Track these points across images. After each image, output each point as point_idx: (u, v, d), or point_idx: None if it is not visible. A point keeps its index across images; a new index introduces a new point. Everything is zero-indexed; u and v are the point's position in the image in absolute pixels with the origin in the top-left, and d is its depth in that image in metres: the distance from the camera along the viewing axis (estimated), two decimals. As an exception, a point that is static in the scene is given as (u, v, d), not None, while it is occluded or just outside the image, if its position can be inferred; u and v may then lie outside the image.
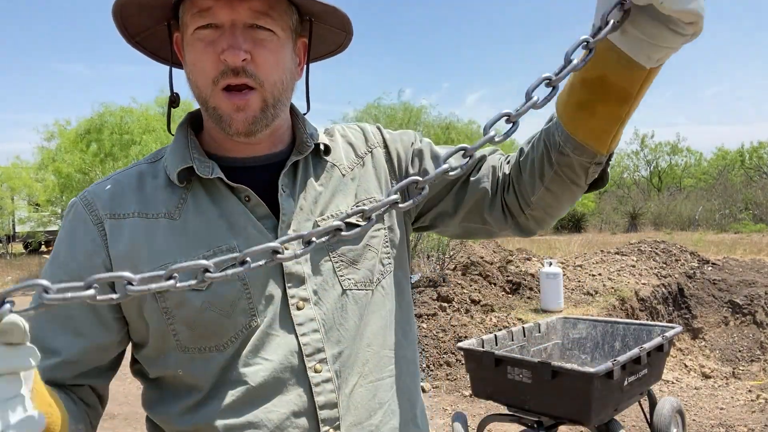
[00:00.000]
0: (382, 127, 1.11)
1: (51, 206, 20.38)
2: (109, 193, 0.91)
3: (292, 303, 0.89)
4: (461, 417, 3.34)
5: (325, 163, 1.00)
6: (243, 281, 0.87)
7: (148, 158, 0.98)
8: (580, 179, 0.90)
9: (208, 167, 0.90)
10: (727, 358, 6.73)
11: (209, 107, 0.88)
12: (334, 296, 0.91)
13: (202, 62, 0.86)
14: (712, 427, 4.30)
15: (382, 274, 0.98)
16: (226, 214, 0.90)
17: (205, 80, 0.86)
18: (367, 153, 1.05)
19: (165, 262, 0.85)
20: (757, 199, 25.67)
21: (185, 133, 0.95)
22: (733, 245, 14.38)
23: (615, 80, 0.78)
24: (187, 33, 0.87)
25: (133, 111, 15.83)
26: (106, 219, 0.88)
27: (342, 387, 0.89)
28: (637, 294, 7.59)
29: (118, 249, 0.87)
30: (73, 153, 15.71)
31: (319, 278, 0.91)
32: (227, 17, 0.84)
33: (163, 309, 0.85)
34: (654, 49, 0.74)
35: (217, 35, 0.85)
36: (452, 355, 5.62)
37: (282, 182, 0.93)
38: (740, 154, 38.38)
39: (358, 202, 0.98)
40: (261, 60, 0.86)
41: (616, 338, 3.63)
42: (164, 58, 1.00)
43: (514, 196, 0.99)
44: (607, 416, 2.87)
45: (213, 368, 0.86)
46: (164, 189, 0.91)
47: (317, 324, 0.89)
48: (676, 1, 0.66)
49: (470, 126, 16.70)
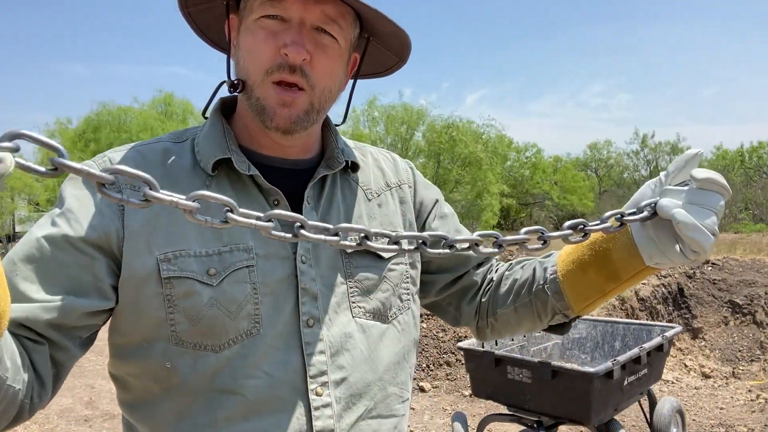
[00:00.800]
0: (414, 167, 1.11)
1: (51, 206, 20.37)
2: (131, 162, 0.85)
3: (303, 320, 0.85)
4: (461, 417, 3.34)
5: (353, 182, 0.99)
6: (254, 285, 0.84)
7: (173, 137, 0.93)
8: (545, 317, 0.99)
9: (245, 162, 0.87)
10: (727, 358, 6.73)
11: (253, 96, 0.86)
12: (343, 321, 0.89)
13: (259, 50, 0.84)
14: (712, 426, 4.30)
15: (399, 309, 0.96)
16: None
17: (258, 68, 0.84)
18: (397, 186, 1.04)
19: (181, 248, 0.81)
20: (757, 199, 25.66)
21: (220, 120, 0.92)
22: (733, 245, 14.37)
23: (615, 258, 0.87)
24: (250, 17, 0.85)
25: (131, 110, 15.83)
26: (125, 188, 0.82)
27: (342, 415, 0.86)
28: (636, 294, 7.59)
29: (133, 223, 0.81)
30: (72, 152, 15.71)
31: (332, 299, 0.89)
32: (297, 14, 0.83)
33: (167, 296, 0.80)
34: (659, 254, 0.81)
35: (281, 28, 0.83)
36: (452, 355, 5.62)
37: (308, 194, 0.91)
38: (740, 154, 38.37)
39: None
40: (319, 64, 0.85)
41: (616, 338, 3.63)
42: (208, 37, 0.99)
43: (487, 302, 1.06)
44: (607, 416, 2.87)
45: (204, 369, 0.81)
46: (188, 172, 0.87)
47: (324, 345, 0.86)
48: (689, 232, 0.76)
49: (470, 125, 16.68)
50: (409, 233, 0.71)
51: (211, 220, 0.62)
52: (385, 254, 0.95)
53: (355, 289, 0.91)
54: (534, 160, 33.01)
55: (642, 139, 38.96)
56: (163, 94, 17.02)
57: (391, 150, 1.27)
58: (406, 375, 0.97)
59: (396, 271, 0.97)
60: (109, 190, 0.57)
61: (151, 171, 0.84)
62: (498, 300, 1.04)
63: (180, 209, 0.60)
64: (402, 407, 0.96)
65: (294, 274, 0.86)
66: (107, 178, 0.56)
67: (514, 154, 32.74)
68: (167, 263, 0.81)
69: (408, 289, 0.98)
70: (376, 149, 1.11)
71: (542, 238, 0.73)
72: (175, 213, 0.83)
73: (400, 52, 0.98)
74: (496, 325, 1.06)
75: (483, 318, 1.07)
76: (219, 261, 0.83)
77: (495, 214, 16.57)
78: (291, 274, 0.86)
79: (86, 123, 15.83)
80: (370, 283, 0.93)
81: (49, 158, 0.54)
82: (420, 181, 1.09)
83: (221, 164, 0.88)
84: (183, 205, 0.60)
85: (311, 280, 0.87)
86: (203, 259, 0.82)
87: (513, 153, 32.32)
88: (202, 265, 0.82)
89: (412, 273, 1.00)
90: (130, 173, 0.58)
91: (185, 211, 0.60)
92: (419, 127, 15.00)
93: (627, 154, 39.78)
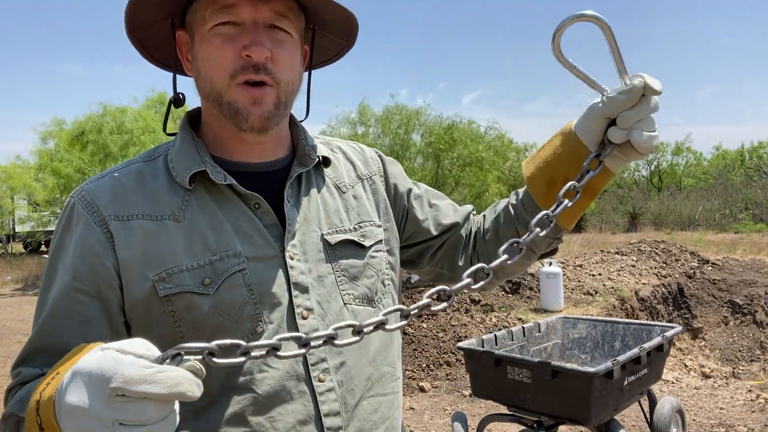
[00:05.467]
0: (382, 155, 1.14)
1: (50, 206, 20.36)
2: (110, 192, 0.89)
3: (297, 312, 0.89)
4: (461, 417, 3.34)
5: (325, 176, 1.02)
6: (249, 287, 0.87)
7: (144, 156, 0.96)
8: (539, 250, 1.03)
9: (220, 173, 0.90)
10: (727, 358, 6.72)
11: (224, 102, 0.88)
12: (336, 309, 0.93)
13: (220, 56, 0.86)
14: (712, 426, 4.30)
15: (383, 293, 1.00)
16: (231, 219, 0.90)
17: (222, 74, 0.87)
18: (368, 177, 1.08)
19: (173, 266, 0.85)
20: (757, 199, 25.66)
21: (189, 134, 0.95)
22: (733, 245, 14.37)
23: (594, 183, 0.93)
24: (204, 28, 0.88)
25: (130, 110, 15.80)
26: (110, 220, 0.86)
27: (346, 398, 0.90)
28: (637, 294, 7.58)
29: (125, 252, 0.85)
30: (71, 153, 15.68)
31: (322, 290, 0.93)
32: (250, 15, 0.86)
33: (171, 313, 0.84)
34: (623, 162, 0.92)
35: (237, 32, 0.86)
36: (452, 355, 5.62)
37: (287, 192, 0.94)
38: (740, 154, 38.38)
39: (360, 222, 1.01)
40: (279, 59, 0.88)
41: (616, 338, 3.62)
42: (156, 59, 1.01)
43: (478, 253, 1.10)
44: (606, 416, 2.87)
45: (218, 371, 0.84)
46: (167, 189, 0.90)
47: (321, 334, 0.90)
48: (647, 146, 0.86)
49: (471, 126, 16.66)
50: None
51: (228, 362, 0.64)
52: (366, 242, 1.00)
53: (343, 278, 0.95)
54: (534, 160, 32.95)
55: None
56: (156, 94, 16.99)
57: (391, 150, 1.30)
58: (395, 355, 1.02)
59: (377, 257, 1.01)
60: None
61: (131, 196, 0.89)
62: (489, 248, 1.08)
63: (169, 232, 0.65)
64: (396, 384, 1.01)
65: (285, 270, 0.90)
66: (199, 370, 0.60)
67: (514, 154, 32.74)
68: (162, 282, 0.84)
69: (388, 274, 1.03)
70: (344, 142, 1.14)
71: (446, 294, 0.74)
72: (163, 232, 0.87)
73: (346, 34, 1.01)
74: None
75: None
76: (211, 270, 0.86)
77: (495, 214, 16.51)
78: (282, 271, 0.90)
79: (86, 123, 15.80)
80: (355, 270, 0.97)
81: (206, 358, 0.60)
82: (390, 169, 1.12)
83: (197, 177, 0.90)
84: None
85: (301, 273, 0.91)
86: (196, 272, 0.86)
87: (513, 153, 32.32)
88: (196, 278, 0.85)
89: (390, 259, 1.04)
90: (194, 348, 0.60)
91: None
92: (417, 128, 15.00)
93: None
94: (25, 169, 22.62)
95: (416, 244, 1.12)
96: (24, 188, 21.94)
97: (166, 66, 1.03)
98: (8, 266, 17.10)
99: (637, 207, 27.57)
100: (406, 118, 14.42)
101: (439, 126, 14.56)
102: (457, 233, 1.13)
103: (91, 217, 0.87)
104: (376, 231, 1.02)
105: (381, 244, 1.02)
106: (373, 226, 1.02)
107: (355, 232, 0.99)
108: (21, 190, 22.14)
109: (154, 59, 1.02)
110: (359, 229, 1.00)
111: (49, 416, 0.61)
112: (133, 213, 0.87)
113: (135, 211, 0.88)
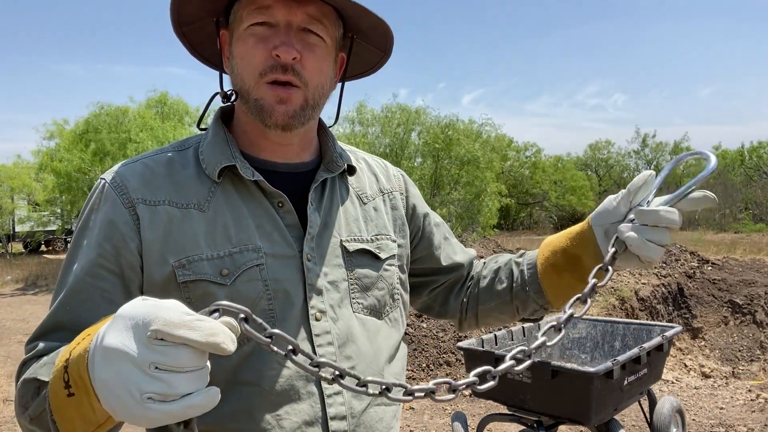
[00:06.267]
0: (405, 175, 1.18)
1: (50, 206, 20.36)
2: (139, 177, 0.90)
3: (311, 313, 0.91)
4: (461, 417, 3.34)
5: (349, 184, 1.04)
6: (265, 282, 0.88)
7: (176, 146, 0.98)
8: (523, 311, 1.11)
9: (249, 169, 0.92)
10: (726, 358, 6.72)
11: (251, 99, 0.90)
12: (346, 315, 0.94)
13: (251, 55, 0.89)
14: (711, 426, 4.30)
15: (391, 307, 1.02)
16: (254, 215, 0.92)
17: (252, 72, 0.89)
18: (389, 192, 1.10)
19: (193, 253, 0.87)
20: (757, 198, 25.67)
21: (222, 128, 0.97)
22: (733, 245, 14.38)
23: (585, 263, 0.97)
24: (241, 27, 0.90)
25: (129, 110, 15.82)
26: (138, 203, 0.88)
27: (353, 403, 0.91)
28: (636, 294, 7.58)
29: (149, 235, 0.86)
30: (72, 152, 15.69)
31: (336, 295, 0.94)
32: (284, 17, 0.88)
33: (186, 299, 0.85)
34: (620, 261, 0.92)
35: (270, 33, 0.88)
36: (452, 355, 5.62)
37: (311, 196, 0.96)
38: (740, 154, 38.39)
39: (378, 234, 1.03)
40: (308, 62, 0.90)
41: (615, 338, 3.63)
42: (201, 55, 1.04)
43: (470, 298, 1.16)
44: (606, 416, 2.87)
45: (227, 365, 0.85)
46: (194, 179, 0.92)
47: (332, 337, 0.91)
48: (649, 254, 0.88)
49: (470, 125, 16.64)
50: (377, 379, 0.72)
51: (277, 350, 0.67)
52: (381, 254, 1.02)
53: (355, 286, 0.97)
54: (534, 160, 33.02)
55: (643, 138, 38.96)
56: (158, 94, 17.01)
57: (390, 150, 1.33)
58: (401, 366, 1.04)
59: (390, 271, 1.02)
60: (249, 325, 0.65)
61: (160, 182, 0.90)
62: (480, 297, 1.14)
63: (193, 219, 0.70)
64: None
65: (301, 270, 0.92)
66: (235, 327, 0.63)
67: (514, 153, 32.70)
68: (182, 269, 0.86)
69: (398, 288, 1.04)
70: (369, 155, 1.16)
71: (451, 387, 0.75)
72: (187, 220, 0.89)
73: (383, 44, 1.03)
74: (477, 318, 1.17)
75: (465, 312, 1.17)
76: (230, 262, 0.88)
77: (494, 214, 16.54)
78: (298, 271, 0.92)
79: (86, 123, 15.82)
80: (368, 280, 0.98)
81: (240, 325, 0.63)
82: (411, 192, 1.16)
83: (225, 171, 0.92)
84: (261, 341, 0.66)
85: (317, 276, 0.92)
86: (215, 261, 0.87)
87: (513, 153, 32.28)
88: (214, 267, 0.87)
89: (401, 276, 1.06)
90: (232, 308, 0.64)
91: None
92: (416, 128, 14.97)
93: (628, 154, 39.80)
94: (25, 168, 22.64)
95: (422, 274, 1.16)
96: (24, 188, 21.95)
97: (210, 63, 1.05)
98: (8, 266, 17.10)
99: (637, 207, 27.50)
100: (406, 118, 14.41)
101: (436, 125, 14.56)
102: (460, 272, 1.18)
103: (120, 198, 0.88)
104: (391, 245, 1.04)
105: (394, 259, 1.04)
106: (388, 240, 1.04)
107: (372, 243, 1.01)
108: (21, 190, 22.14)
109: (199, 55, 1.04)
110: (376, 240, 1.02)
111: (80, 371, 0.62)
112: (160, 199, 0.89)
113: (162, 197, 0.89)
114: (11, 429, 4.79)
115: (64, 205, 18.31)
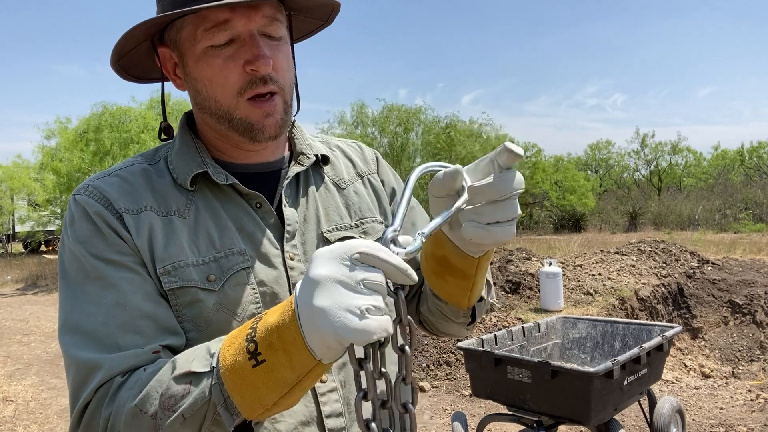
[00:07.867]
0: (380, 156, 1.15)
1: (50, 206, 20.36)
2: (118, 189, 0.88)
3: None
4: (461, 417, 3.34)
5: (324, 174, 1.02)
6: (253, 286, 0.87)
7: (145, 158, 0.96)
8: (456, 319, 0.97)
9: (222, 173, 0.91)
10: (726, 358, 6.72)
11: (235, 118, 0.87)
12: None
13: (224, 77, 0.85)
14: (711, 426, 4.30)
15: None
16: (234, 218, 0.90)
17: (229, 92, 0.86)
18: (366, 174, 1.08)
19: (178, 260, 0.84)
20: (757, 198, 25.67)
21: (189, 135, 0.95)
22: (732, 245, 14.37)
23: (454, 262, 0.85)
24: (197, 48, 0.85)
25: (131, 110, 15.82)
26: (124, 213, 0.85)
27: (349, 398, 0.90)
28: (636, 294, 7.58)
29: (137, 241, 0.84)
30: (72, 152, 15.70)
31: None
32: (245, 27, 0.84)
33: (175, 307, 0.84)
34: (475, 246, 0.82)
35: (235, 48, 0.84)
36: (452, 355, 5.62)
37: (285, 192, 0.94)
38: (740, 154, 38.38)
39: (362, 218, 1.01)
40: (279, 65, 0.87)
41: (615, 338, 3.63)
42: (135, 76, 0.99)
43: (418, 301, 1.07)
44: (606, 416, 2.87)
45: None
46: (172, 188, 0.90)
47: None
48: (472, 236, 0.77)
49: (471, 126, 16.65)
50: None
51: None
52: (368, 238, 0.99)
53: None
54: (534, 160, 33.01)
55: (642, 138, 38.94)
56: (160, 94, 17.01)
57: (390, 149, 1.30)
58: (392, 360, 1.01)
59: None
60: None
61: (139, 191, 0.88)
62: (421, 296, 1.05)
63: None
64: None
65: (285, 270, 0.91)
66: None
67: (514, 153, 32.56)
68: (167, 276, 0.84)
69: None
70: (344, 141, 1.14)
71: None
72: (169, 229, 0.87)
73: (325, 17, 1.00)
74: (429, 322, 1.06)
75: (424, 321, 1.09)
76: (217, 267, 0.86)
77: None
78: (283, 271, 0.91)
79: (87, 123, 15.82)
80: None
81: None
82: (386, 170, 1.13)
83: (198, 178, 0.90)
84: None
85: (300, 274, 0.91)
86: (201, 267, 0.85)
87: (513, 153, 32.12)
88: (201, 273, 0.85)
89: None
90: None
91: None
92: (416, 128, 14.96)
93: (628, 154, 39.77)
94: (25, 168, 22.63)
95: None
96: (24, 188, 21.95)
97: (145, 80, 1.01)
98: (8, 266, 17.11)
99: (636, 207, 27.59)
100: (405, 118, 14.41)
101: (437, 125, 14.55)
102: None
103: (107, 209, 0.85)
104: (378, 227, 1.02)
105: None
106: (374, 222, 1.02)
107: (357, 228, 0.99)
108: (21, 190, 22.14)
109: (133, 77, 0.99)
110: (360, 225, 1.00)
111: (279, 330, 0.65)
112: (141, 206, 0.87)
113: (143, 203, 0.87)
114: (11, 429, 4.79)
115: (64, 205, 18.31)
